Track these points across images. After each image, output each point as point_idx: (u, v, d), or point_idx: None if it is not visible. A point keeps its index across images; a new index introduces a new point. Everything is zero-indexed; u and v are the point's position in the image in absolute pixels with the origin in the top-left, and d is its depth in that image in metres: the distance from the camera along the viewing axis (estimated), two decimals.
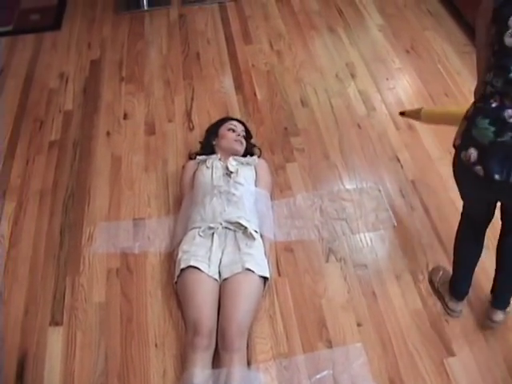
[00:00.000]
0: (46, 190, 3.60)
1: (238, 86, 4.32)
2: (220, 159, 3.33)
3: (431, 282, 3.02)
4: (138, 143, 3.90)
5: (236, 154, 3.39)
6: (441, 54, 4.51)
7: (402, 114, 3.33)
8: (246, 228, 2.98)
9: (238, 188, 3.14)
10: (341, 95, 4.21)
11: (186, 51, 4.72)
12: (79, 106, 4.26)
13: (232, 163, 3.26)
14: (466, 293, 2.85)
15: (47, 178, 3.68)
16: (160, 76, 4.48)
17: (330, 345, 2.79)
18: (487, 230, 2.69)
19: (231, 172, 3.20)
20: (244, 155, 3.48)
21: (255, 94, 4.24)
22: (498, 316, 2.73)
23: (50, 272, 3.16)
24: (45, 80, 4.53)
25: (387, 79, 4.29)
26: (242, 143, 3.47)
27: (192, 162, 3.45)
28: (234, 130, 3.49)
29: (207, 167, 3.26)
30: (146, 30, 5.02)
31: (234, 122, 3.58)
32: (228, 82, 4.38)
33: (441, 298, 2.93)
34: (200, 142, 3.68)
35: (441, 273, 2.99)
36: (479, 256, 2.76)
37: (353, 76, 4.37)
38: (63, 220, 3.42)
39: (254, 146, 3.66)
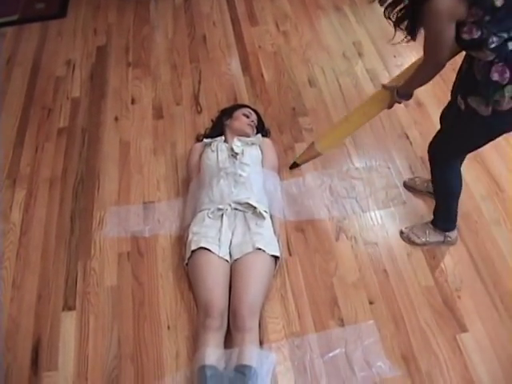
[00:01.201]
0: (56, 177, 3.61)
1: (245, 68, 4.31)
2: (225, 141, 3.34)
3: (413, 243, 3.09)
4: (146, 127, 3.90)
5: (244, 136, 3.38)
6: None
7: (294, 166, 3.32)
8: (255, 208, 2.97)
9: (245, 169, 3.14)
10: (348, 74, 4.18)
11: (192, 34, 4.70)
12: (86, 92, 4.26)
13: (237, 144, 3.27)
14: None
15: (56, 165, 3.69)
16: (166, 60, 4.47)
17: (342, 323, 2.79)
18: None
19: (236, 153, 3.20)
20: (259, 129, 3.56)
21: (262, 76, 4.22)
22: None
23: (61, 257, 3.18)
24: (52, 68, 4.54)
25: (394, 56, 4.26)
26: (253, 129, 3.48)
27: (198, 145, 3.46)
28: (248, 117, 3.51)
29: (212, 150, 3.27)
30: (151, 14, 5.01)
31: (251, 110, 3.60)
32: (235, 64, 4.36)
33: (436, 242, 3.06)
34: (212, 120, 3.70)
35: (424, 228, 3.08)
36: None
37: (360, 55, 4.34)
38: (73, 206, 3.44)
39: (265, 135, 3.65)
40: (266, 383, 2.55)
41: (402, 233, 3.11)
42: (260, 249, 2.83)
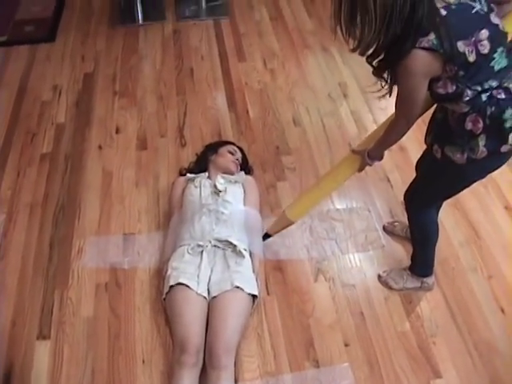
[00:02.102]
0: (37, 203, 3.60)
1: (231, 104, 4.34)
2: (209, 177, 3.36)
3: (391, 287, 3.12)
4: (130, 158, 3.90)
5: (228, 174, 3.40)
6: None
7: (266, 237, 3.15)
8: (235, 246, 2.99)
9: (227, 206, 3.16)
10: (333, 115, 4.24)
11: (180, 66, 4.74)
12: (72, 118, 4.27)
13: (220, 181, 3.28)
14: None
15: (38, 191, 3.68)
16: (153, 91, 4.49)
17: (317, 364, 2.79)
18: None
19: (220, 191, 3.22)
20: (242, 167, 3.58)
21: (248, 112, 4.26)
22: None
23: (38, 285, 3.16)
24: (38, 92, 4.54)
25: (379, 99, 4.30)
26: (237, 166, 3.49)
27: (181, 179, 3.47)
28: (233, 154, 3.53)
29: (195, 186, 3.28)
30: (140, 44, 5.04)
31: (236, 148, 3.61)
32: (221, 99, 4.40)
33: (413, 288, 3.09)
34: (196, 155, 3.71)
35: (402, 274, 3.11)
36: None
37: (345, 96, 4.41)
38: (53, 233, 3.42)
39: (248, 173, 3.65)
40: None
41: (379, 277, 3.14)
42: (238, 287, 2.83)
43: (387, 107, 4.22)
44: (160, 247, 3.29)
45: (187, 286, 2.82)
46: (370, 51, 2.09)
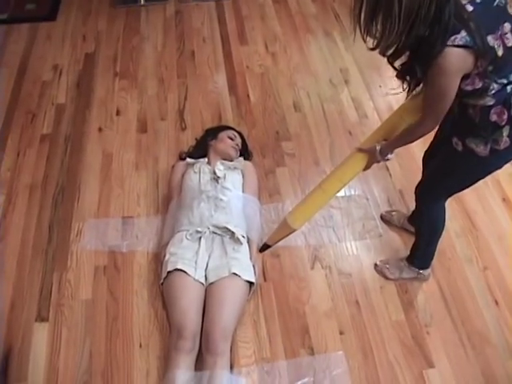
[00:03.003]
0: (36, 184, 3.61)
1: (232, 87, 4.34)
2: (208, 163, 3.36)
3: (386, 277, 3.15)
4: (130, 140, 3.91)
5: (227, 159, 3.41)
6: None
7: (265, 248, 2.96)
8: (233, 233, 3.01)
9: (226, 193, 3.17)
10: (333, 101, 4.23)
11: (181, 49, 4.73)
12: (72, 99, 4.26)
13: (219, 168, 3.29)
14: None
15: (37, 172, 3.69)
16: (154, 73, 4.48)
17: (312, 352, 2.83)
18: None
19: (218, 177, 3.23)
20: (242, 152, 3.60)
21: (248, 96, 4.25)
22: None
23: (37, 267, 3.18)
24: (38, 71, 4.53)
25: (380, 86, 4.32)
26: (236, 152, 3.51)
27: (181, 164, 3.48)
28: (232, 139, 3.53)
29: (195, 172, 3.29)
30: (141, 25, 5.02)
31: (236, 133, 3.61)
32: (222, 82, 4.39)
33: (408, 278, 3.12)
34: (196, 139, 3.72)
35: (398, 264, 3.13)
36: None
37: (346, 82, 4.40)
38: (52, 215, 3.44)
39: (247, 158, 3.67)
40: None
41: (376, 266, 3.17)
42: (235, 274, 2.86)
43: (388, 94, 4.22)
44: (158, 231, 3.31)
45: (185, 272, 2.85)
46: (390, 51, 2.04)
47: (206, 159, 3.41)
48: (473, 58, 1.98)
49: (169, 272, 2.88)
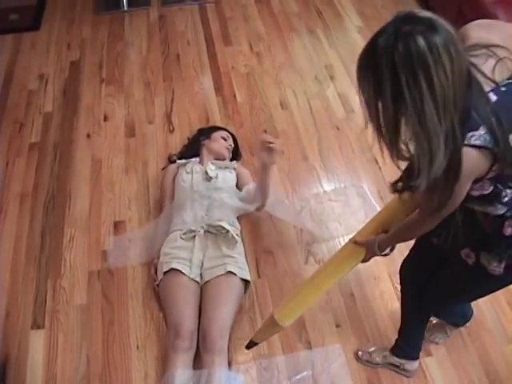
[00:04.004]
0: (27, 193, 3.61)
1: (218, 88, 4.34)
2: (200, 163, 3.36)
3: (370, 362, 2.80)
4: (119, 145, 3.91)
5: (220, 159, 3.41)
6: None
7: (251, 345, 2.62)
8: (227, 231, 3.01)
9: (219, 193, 3.17)
10: (320, 97, 4.24)
11: (166, 52, 4.73)
12: (59, 107, 4.26)
13: (211, 168, 3.29)
14: None
15: (27, 181, 3.68)
16: (140, 77, 4.49)
17: (309, 346, 2.84)
18: None
19: (211, 177, 3.23)
20: (233, 154, 3.60)
21: (235, 96, 4.26)
22: None
23: (31, 275, 3.18)
24: (24, 81, 4.52)
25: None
26: (229, 152, 3.52)
27: (172, 167, 3.47)
28: (226, 140, 3.54)
29: (187, 172, 3.28)
30: (125, 30, 5.02)
31: (229, 134, 3.63)
32: (208, 83, 4.40)
33: (394, 368, 2.77)
34: (188, 139, 3.74)
35: (382, 351, 2.79)
36: None
37: (332, 78, 4.41)
38: (44, 223, 3.44)
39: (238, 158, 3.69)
40: None
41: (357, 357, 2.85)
42: (231, 272, 2.87)
43: None
44: (151, 234, 3.30)
45: (180, 272, 2.86)
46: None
47: (198, 159, 3.41)
48: (490, 162, 1.59)
49: (164, 273, 2.89)
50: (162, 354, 2.80)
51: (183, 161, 3.42)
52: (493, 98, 1.60)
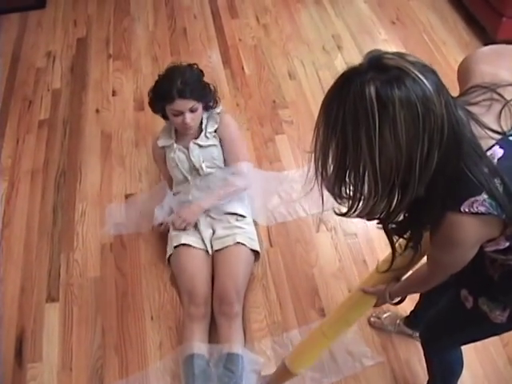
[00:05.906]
0: (38, 169, 3.62)
1: (226, 61, 4.33)
2: (180, 149, 3.00)
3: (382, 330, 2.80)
4: (128, 119, 3.91)
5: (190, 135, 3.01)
6: (426, 24, 4.52)
7: None
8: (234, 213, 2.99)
9: (211, 178, 2.99)
10: (328, 67, 4.22)
11: (173, 27, 4.71)
12: (67, 84, 4.26)
13: (194, 154, 2.96)
14: None
15: (38, 157, 3.70)
16: (147, 52, 4.47)
17: (322, 313, 2.84)
18: None
19: (198, 170, 2.98)
20: (207, 106, 3.01)
21: (243, 69, 4.24)
22: None
23: (44, 249, 3.20)
24: (32, 59, 4.53)
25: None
26: (191, 126, 2.89)
27: (158, 151, 3.16)
28: (177, 116, 2.85)
29: (172, 162, 3.02)
30: (131, 6, 4.99)
31: (177, 103, 2.80)
32: (215, 56, 4.38)
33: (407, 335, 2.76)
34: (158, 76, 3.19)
35: (395, 319, 2.78)
36: None
37: (339, 48, 4.38)
38: (55, 198, 3.45)
39: (213, 98, 3.07)
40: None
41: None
42: (241, 243, 2.86)
43: None
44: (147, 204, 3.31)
45: (189, 246, 2.87)
46: (377, 216, 1.42)
47: (177, 142, 3.05)
48: (500, 226, 1.40)
49: (174, 247, 2.89)
50: (177, 323, 2.83)
51: (163, 143, 3.09)
52: (498, 153, 1.36)
